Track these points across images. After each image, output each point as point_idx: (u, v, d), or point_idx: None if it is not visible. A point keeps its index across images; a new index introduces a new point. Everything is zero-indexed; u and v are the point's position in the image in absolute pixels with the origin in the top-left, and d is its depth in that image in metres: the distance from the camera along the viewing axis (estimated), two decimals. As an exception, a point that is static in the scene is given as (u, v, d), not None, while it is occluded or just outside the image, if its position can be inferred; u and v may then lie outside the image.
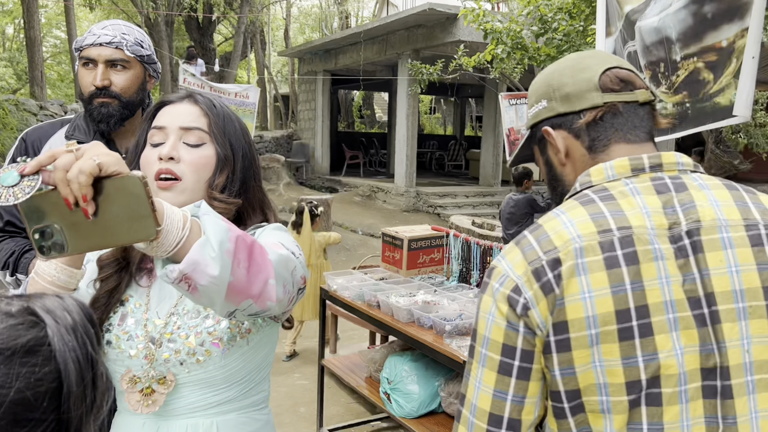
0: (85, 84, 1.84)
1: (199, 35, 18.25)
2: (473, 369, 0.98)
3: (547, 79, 1.10)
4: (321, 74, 15.75)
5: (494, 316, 0.96)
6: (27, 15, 9.57)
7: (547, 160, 1.13)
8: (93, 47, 1.83)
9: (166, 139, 1.17)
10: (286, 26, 19.66)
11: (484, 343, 0.97)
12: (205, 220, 0.88)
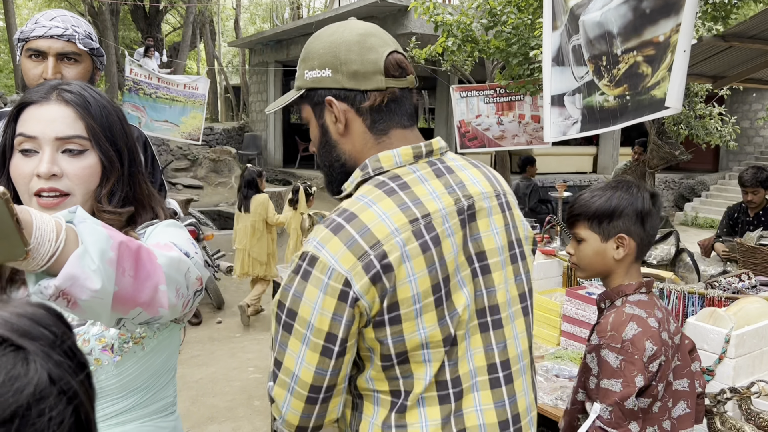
0: (33, 77, 1.76)
1: (146, 25, 17.77)
2: (293, 345, 1.07)
3: (333, 48, 1.14)
4: (273, 65, 15.56)
5: (320, 306, 1.04)
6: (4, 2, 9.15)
7: (324, 125, 1.18)
8: (42, 39, 1.76)
9: (39, 149, 1.06)
10: (236, 16, 19.33)
11: (308, 327, 1.05)
12: (81, 229, 0.81)
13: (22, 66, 1.83)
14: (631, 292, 1.51)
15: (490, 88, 7.84)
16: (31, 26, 1.77)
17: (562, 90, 3.01)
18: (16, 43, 1.82)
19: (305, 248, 1.07)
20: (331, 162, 1.20)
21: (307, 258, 1.05)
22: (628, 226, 1.49)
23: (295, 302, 1.06)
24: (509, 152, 9.18)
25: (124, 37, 19.96)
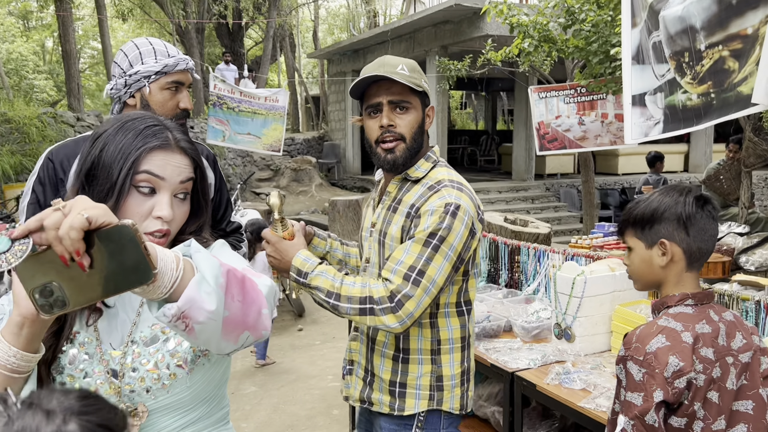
0: (170, 107, 1.91)
1: (230, 41, 18.48)
2: (438, 260, 1.61)
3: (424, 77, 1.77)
4: (350, 74, 15.78)
5: (461, 236, 1.64)
6: (62, 29, 9.81)
7: (423, 119, 1.76)
8: (182, 73, 1.92)
9: (158, 191, 1.12)
10: (315, 28, 19.76)
11: (451, 248, 1.63)
12: (197, 258, 0.91)
13: (153, 97, 1.89)
14: (673, 303, 1.44)
15: (571, 88, 7.59)
16: (169, 60, 1.89)
17: (643, 89, 2.86)
18: (149, 75, 1.87)
19: (448, 200, 1.64)
20: (419, 142, 1.74)
21: (452, 205, 1.63)
22: (670, 231, 1.43)
23: (445, 231, 1.61)
24: (593, 153, 8.86)
25: (210, 53, 20.84)
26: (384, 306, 1.58)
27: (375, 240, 1.83)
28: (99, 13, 10.34)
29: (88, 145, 1.14)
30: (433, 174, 1.76)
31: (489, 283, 3.44)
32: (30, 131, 7.37)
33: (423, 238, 1.61)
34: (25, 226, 0.80)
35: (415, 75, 1.71)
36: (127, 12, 11.91)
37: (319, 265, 1.66)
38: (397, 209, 1.76)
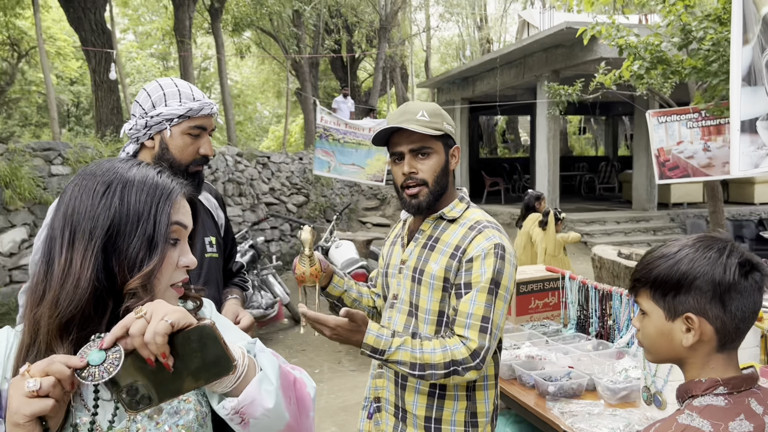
0: (191, 152, 1.83)
1: (344, 73, 19.02)
2: (499, 305, 1.71)
3: (451, 120, 1.86)
4: (459, 102, 15.65)
5: (512, 275, 1.75)
6: (182, 68, 10.50)
7: (448, 161, 1.82)
8: (206, 117, 1.84)
9: (181, 239, 1.08)
10: (427, 57, 19.89)
11: (507, 291, 1.73)
12: (261, 357, 0.97)
13: (173, 141, 1.81)
14: (699, 392, 1.11)
15: (694, 111, 6.97)
16: (194, 104, 1.80)
17: (754, 114, 2.47)
18: (172, 118, 1.79)
19: (496, 241, 1.72)
20: (442, 185, 1.80)
21: (500, 247, 1.72)
22: (701, 303, 1.09)
23: (499, 276, 1.71)
24: (723, 181, 8.07)
25: (326, 86, 21.57)
26: (468, 365, 1.67)
27: (406, 277, 1.86)
28: (218, 52, 10.96)
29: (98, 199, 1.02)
30: (469, 214, 1.83)
31: (578, 331, 3.10)
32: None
33: (486, 287, 1.69)
34: (112, 334, 0.86)
35: (436, 120, 1.78)
36: (245, 49, 12.56)
37: (393, 339, 1.69)
38: (435, 248, 1.81)
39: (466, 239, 1.76)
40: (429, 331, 1.81)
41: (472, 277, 1.72)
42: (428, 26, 20.17)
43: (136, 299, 0.96)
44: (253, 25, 12.02)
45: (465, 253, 1.74)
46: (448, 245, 1.78)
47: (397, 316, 1.89)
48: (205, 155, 1.86)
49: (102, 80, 10.61)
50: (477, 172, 16.63)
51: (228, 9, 11.92)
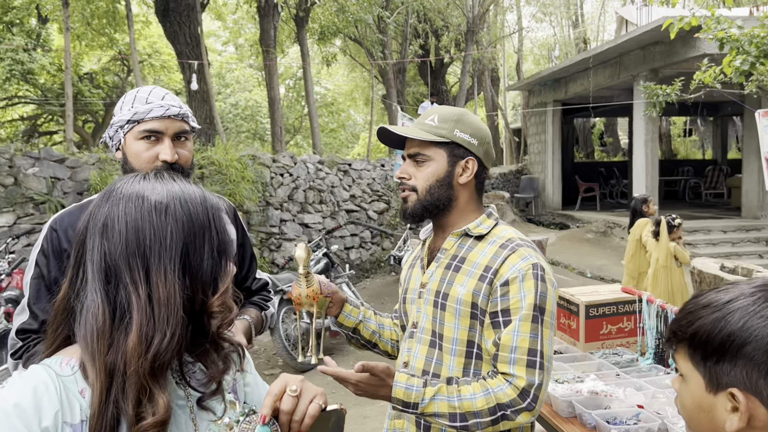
0: (147, 159, 1.67)
1: (432, 78, 18.83)
2: (546, 333, 1.51)
3: (483, 132, 1.68)
4: (551, 105, 15.04)
5: (554, 298, 1.56)
6: (268, 77, 10.70)
7: (451, 171, 1.62)
8: (160, 120, 1.67)
9: None
10: (518, 59, 19.34)
11: (552, 315, 1.54)
12: None
13: (128, 149, 1.70)
14: None
15: (811, 110, 6.22)
16: (143, 107, 1.67)
17: None
18: (122, 125, 1.69)
19: (531, 261, 1.52)
20: (439, 196, 1.63)
21: (539, 268, 1.52)
22: (753, 378, 0.80)
23: (542, 300, 1.51)
24: None
25: (414, 92, 21.47)
26: (517, 407, 1.47)
27: (427, 302, 1.65)
28: (303, 61, 11.09)
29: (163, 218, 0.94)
30: (498, 231, 1.64)
31: (657, 362, 2.74)
32: (230, 172, 8.02)
33: (530, 314, 1.50)
34: (268, 409, 0.93)
35: (444, 126, 1.62)
36: (332, 57, 12.67)
37: (425, 389, 1.48)
38: (461, 268, 1.61)
39: (498, 259, 1.55)
40: (456, 364, 1.58)
41: (510, 303, 1.51)
42: (520, 27, 19.61)
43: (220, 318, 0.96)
44: (339, 33, 12.08)
45: (498, 275, 1.54)
46: (476, 265, 1.58)
47: (418, 348, 1.67)
48: (164, 161, 1.66)
49: (195, 91, 11.02)
50: (571, 177, 15.91)
51: (314, 18, 12.06)
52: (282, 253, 8.47)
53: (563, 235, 12.13)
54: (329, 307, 1.80)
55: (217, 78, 25.32)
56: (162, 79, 23.02)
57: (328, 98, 28.65)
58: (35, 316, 1.64)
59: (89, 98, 19.69)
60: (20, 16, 17.22)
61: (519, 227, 12.73)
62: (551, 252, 10.58)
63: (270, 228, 8.51)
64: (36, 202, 6.73)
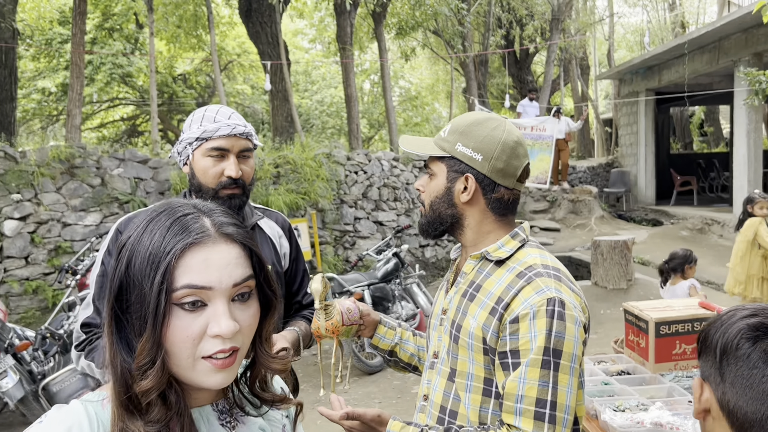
0: (213, 175, 1.80)
1: (517, 69, 18.28)
2: (564, 379, 1.29)
3: (492, 143, 1.46)
4: (643, 94, 14.20)
5: (578, 338, 1.33)
6: (344, 74, 10.71)
7: (451, 187, 1.50)
8: (227, 138, 1.79)
9: (208, 302, 0.88)
10: (609, 47, 18.40)
11: (573, 359, 1.31)
12: None
13: (196, 164, 1.82)
14: None
15: None
16: (212, 125, 1.78)
17: None
18: (192, 142, 1.81)
19: (549, 295, 1.32)
20: (441, 213, 1.51)
21: (556, 302, 1.31)
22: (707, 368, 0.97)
23: (558, 341, 1.29)
24: None
25: (499, 83, 20.95)
26: None
27: (446, 331, 1.51)
28: (380, 57, 11.02)
29: (114, 260, 0.92)
30: (521, 256, 1.44)
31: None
32: (305, 171, 8.07)
33: (539, 359, 1.29)
34: None
35: (451, 138, 1.50)
36: (410, 52, 12.52)
37: None
38: (475, 297, 1.44)
39: (511, 290, 1.36)
40: (472, 402, 1.42)
41: (520, 343, 1.32)
42: (611, 12, 18.64)
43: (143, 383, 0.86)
44: (418, 26, 11.93)
45: (508, 310, 1.35)
46: (490, 296, 1.40)
47: (437, 380, 1.52)
48: (230, 177, 1.79)
49: (278, 90, 11.22)
50: (666, 170, 14.98)
51: (392, 12, 11.96)
52: (356, 251, 8.45)
53: (655, 233, 11.42)
54: (362, 329, 1.73)
55: (303, 75, 25.78)
56: (251, 78, 23.75)
57: (413, 92, 28.51)
58: (98, 311, 1.79)
59: (182, 98, 20.59)
60: (120, 22, 18.26)
61: (608, 223, 12.12)
62: (640, 250, 9.98)
63: (344, 226, 8.51)
64: (120, 201, 7.04)
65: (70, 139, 7.97)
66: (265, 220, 2.02)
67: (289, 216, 7.80)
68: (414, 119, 28.17)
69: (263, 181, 7.83)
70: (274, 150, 8.63)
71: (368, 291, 5.83)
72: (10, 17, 9.42)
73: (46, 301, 6.52)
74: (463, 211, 1.50)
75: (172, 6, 13.75)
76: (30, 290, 6.46)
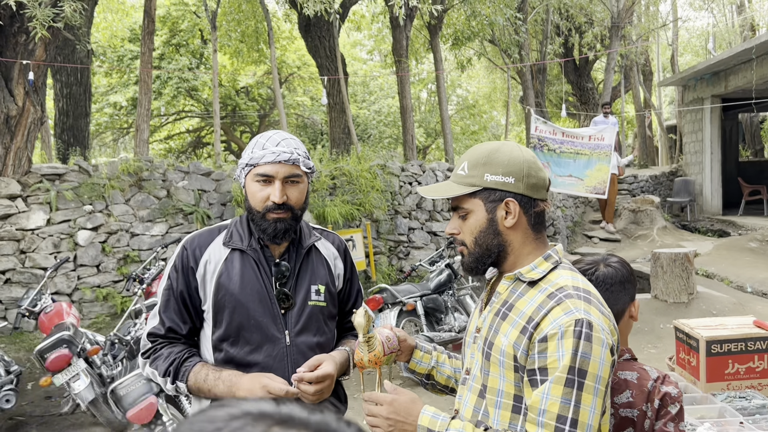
0: (260, 199, 1.89)
1: (576, 77, 17.98)
2: (587, 400, 1.33)
3: (518, 164, 1.51)
4: (708, 101, 13.72)
5: (605, 360, 1.36)
6: (400, 86, 10.81)
7: (493, 218, 1.52)
8: (271, 164, 1.87)
9: None
10: (673, 52, 17.88)
11: (598, 380, 1.35)
12: None
13: (247, 188, 1.93)
14: None
15: None
16: (259, 152, 1.88)
17: None
18: (243, 167, 1.94)
19: (577, 316, 1.37)
20: (488, 246, 1.54)
21: (584, 323, 1.36)
22: None
23: (584, 362, 1.34)
24: None
25: (558, 91, 20.64)
26: None
27: (479, 349, 1.58)
28: (436, 69, 11.09)
29: None
30: (553, 277, 1.49)
31: None
32: (360, 182, 8.21)
33: (563, 377, 1.35)
34: None
35: (474, 173, 1.53)
36: (466, 62, 12.54)
37: (452, 421, 1.46)
38: (507, 316, 1.50)
39: (542, 310, 1.42)
40: (501, 418, 1.48)
41: (548, 362, 1.38)
42: (675, 16, 18.13)
43: None
44: (474, 37, 11.94)
45: (538, 329, 1.40)
46: (522, 315, 1.46)
47: (468, 396, 1.59)
48: (275, 202, 1.87)
49: (335, 102, 11.44)
50: (734, 179, 14.41)
51: (448, 23, 12.01)
52: (410, 261, 8.52)
53: (721, 244, 11.00)
54: (399, 355, 1.81)
55: (361, 86, 26.12)
56: (311, 90, 24.22)
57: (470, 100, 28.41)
58: (163, 322, 1.92)
59: (245, 110, 21.22)
60: (186, 38, 19.03)
61: (670, 234, 11.76)
62: (704, 262, 9.65)
63: (398, 236, 8.60)
64: (185, 212, 7.35)
65: (139, 152, 8.38)
66: (322, 242, 2.10)
67: (345, 226, 7.94)
68: (471, 127, 28.08)
69: (319, 193, 8.01)
70: (331, 162, 8.82)
71: (420, 302, 5.87)
72: (85, 39, 9.99)
73: (115, 307, 6.87)
74: (507, 237, 1.54)
75: (235, 23, 14.23)
76: (101, 297, 6.83)
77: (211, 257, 1.93)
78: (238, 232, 1.97)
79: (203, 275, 1.91)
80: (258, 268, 1.92)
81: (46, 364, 4.37)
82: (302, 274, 1.99)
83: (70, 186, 6.89)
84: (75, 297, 6.73)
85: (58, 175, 6.93)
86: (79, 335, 4.74)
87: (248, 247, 1.94)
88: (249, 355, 1.88)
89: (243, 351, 1.88)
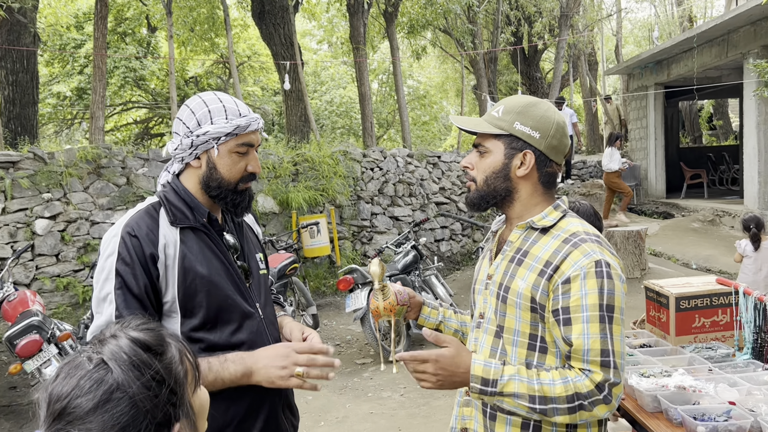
0: (238, 171, 1.73)
1: (525, 66, 18.41)
2: (617, 330, 1.50)
3: (548, 122, 1.62)
4: (652, 88, 14.29)
5: (623, 293, 1.53)
6: (358, 73, 10.88)
7: (507, 164, 1.63)
8: (254, 134, 1.74)
9: None
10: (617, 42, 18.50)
11: (621, 312, 1.51)
12: None
13: (220, 159, 1.71)
14: None
15: None
16: (242, 120, 1.70)
17: None
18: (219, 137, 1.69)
19: (596, 257, 1.50)
20: (496, 188, 1.65)
21: (603, 264, 1.50)
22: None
23: (610, 298, 1.49)
24: None
25: (507, 80, 21.06)
26: (594, 399, 1.48)
27: (492, 294, 1.67)
28: (392, 56, 11.19)
29: None
30: (564, 224, 1.62)
31: (755, 358, 2.59)
32: (322, 168, 8.25)
33: (597, 315, 1.49)
34: None
35: (506, 118, 1.63)
36: (421, 50, 12.68)
37: (504, 367, 1.52)
38: (523, 262, 1.61)
39: (559, 254, 1.54)
40: (518, 355, 1.60)
41: (571, 301, 1.50)
42: (619, 7, 18.75)
43: None
44: (429, 25, 12.09)
45: (558, 272, 1.52)
46: (538, 260, 1.57)
47: (484, 337, 1.70)
48: (252, 172, 1.76)
49: (292, 89, 11.40)
50: (676, 164, 15.07)
51: (403, 12, 12.12)
52: (373, 246, 8.62)
53: (666, 225, 11.53)
54: (408, 311, 1.89)
55: (312, 76, 25.96)
56: (261, 80, 23.95)
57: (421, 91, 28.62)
58: None
59: (194, 101, 20.82)
60: (132, 27, 18.53)
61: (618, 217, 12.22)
62: (653, 242, 10.10)
63: (361, 221, 8.69)
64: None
65: (95, 140, 8.19)
66: None
67: (308, 212, 7.98)
68: (422, 118, 28.29)
69: (282, 179, 8.01)
70: (291, 149, 8.82)
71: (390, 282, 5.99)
72: (32, 15, 9.62)
73: (76, 296, 6.73)
74: (516, 185, 1.64)
75: (187, 9, 13.96)
76: (61, 287, 6.68)
77: (168, 241, 1.65)
78: (179, 209, 1.70)
79: (164, 262, 1.63)
80: (214, 245, 1.73)
81: (16, 350, 4.29)
82: (245, 245, 1.87)
83: (26, 174, 6.70)
84: (34, 287, 6.56)
85: (12, 163, 6.72)
86: (49, 322, 4.66)
87: (198, 224, 1.71)
88: (233, 336, 1.71)
89: (225, 334, 1.70)
